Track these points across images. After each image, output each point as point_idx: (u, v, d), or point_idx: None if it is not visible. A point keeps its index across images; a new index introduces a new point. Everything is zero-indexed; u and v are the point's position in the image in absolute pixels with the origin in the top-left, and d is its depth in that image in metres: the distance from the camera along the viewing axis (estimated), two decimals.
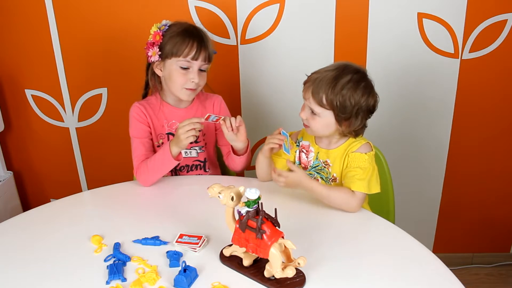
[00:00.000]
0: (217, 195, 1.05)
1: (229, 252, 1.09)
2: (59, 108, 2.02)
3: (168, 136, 1.55)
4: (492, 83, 1.89)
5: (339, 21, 1.82)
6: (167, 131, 1.55)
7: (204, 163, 1.61)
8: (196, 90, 1.50)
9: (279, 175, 1.31)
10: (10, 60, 1.95)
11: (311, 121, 1.33)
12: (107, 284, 1.03)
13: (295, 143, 1.46)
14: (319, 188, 1.29)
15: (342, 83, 1.27)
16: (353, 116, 1.29)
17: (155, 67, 1.50)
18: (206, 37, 1.48)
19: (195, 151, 1.58)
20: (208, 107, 1.59)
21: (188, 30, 1.46)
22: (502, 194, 2.09)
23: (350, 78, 1.28)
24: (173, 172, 1.57)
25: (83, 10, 1.84)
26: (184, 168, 1.58)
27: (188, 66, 1.45)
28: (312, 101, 1.30)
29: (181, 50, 1.43)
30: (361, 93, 1.28)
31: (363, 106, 1.29)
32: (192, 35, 1.45)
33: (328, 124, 1.32)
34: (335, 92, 1.27)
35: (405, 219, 1.80)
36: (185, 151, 1.55)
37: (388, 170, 1.53)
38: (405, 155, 2.02)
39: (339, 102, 1.27)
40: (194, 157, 1.58)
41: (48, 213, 1.33)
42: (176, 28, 1.46)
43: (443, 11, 1.79)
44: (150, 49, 1.46)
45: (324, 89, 1.27)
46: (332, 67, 1.31)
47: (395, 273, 1.05)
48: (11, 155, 2.14)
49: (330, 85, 1.27)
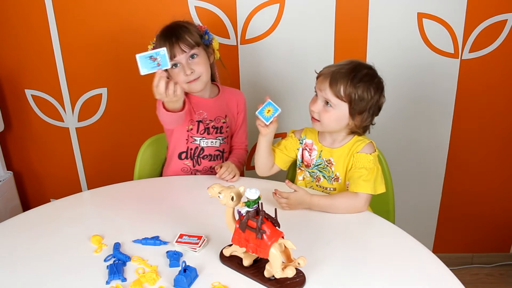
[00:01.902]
0: (217, 195, 1.05)
1: (229, 252, 1.09)
2: (59, 108, 2.02)
3: (198, 124, 1.57)
4: (492, 83, 1.89)
5: (339, 21, 1.82)
6: (197, 118, 1.57)
7: (223, 153, 1.64)
8: (201, 78, 1.51)
9: (280, 196, 1.29)
10: (10, 60, 1.95)
11: (323, 114, 1.32)
12: (107, 284, 1.03)
13: (298, 140, 1.46)
14: (322, 201, 1.29)
15: (360, 76, 1.28)
16: (367, 111, 1.31)
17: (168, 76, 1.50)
18: (180, 28, 1.48)
19: (219, 141, 1.61)
20: (234, 103, 1.65)
21: (163, 31, 1.49)
22: (502, 194, 2.09)
23: (366, 72, 1.30)
24: (195, 159, 1.59)
25: (83, 10, 1.84)
26: (207, 157, 1.61)
27: (175, 63, 1.47)
28: (329, 91, 1.29)
29: None
30: (376, 88, 1.30)
31: (376, 102, 1.31)
32: (165, 35, 1.47)
33: (341, 118, 1.32)
34: (353, 84, 1.27)
35: (405, 219, 1.80)
36: (211, 140, 1.59)
37: (388, 170, 1.53)
38: (405, 155, 2.02)
39: (357, 94, 1.28)
40: (217, 146, 1.61)
41: (48, 213, 1.33)
42: (157, 35, 1.50)
43: (443, 11, 1.79)
44: None
45: (343, 81, 1.28)
46: (346, 62, 1.33)
47: (395, 273, 1.05)
48: (11, 155, 2.14)
49: (348, 77, 1.28)
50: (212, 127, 1.59)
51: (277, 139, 2.01)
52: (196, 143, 1.58)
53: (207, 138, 1.59)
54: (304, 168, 1.46)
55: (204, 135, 1.58)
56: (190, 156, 1.59)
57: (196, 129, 1.57)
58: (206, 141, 1.59)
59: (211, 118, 1.59)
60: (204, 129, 1.58)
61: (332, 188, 1.42)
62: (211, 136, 1.60)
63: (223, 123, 1.61)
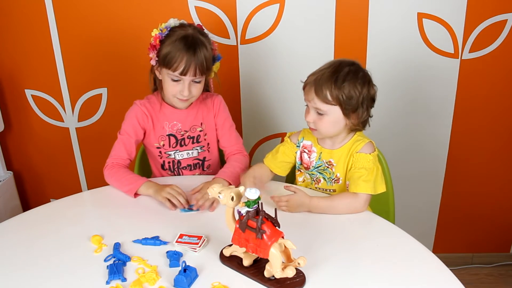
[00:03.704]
0: (217, 195, 1.05)
1: (229, 252, 1.09)
2: (59, 108, 2.02)
3: (170, 138, 1.55)
4: (492, 83, 1.89)
5: (339, 21, 1.82)
6: (168, 132, 1.54)
7: (203, 162, 1.61)
8: (189, 100, 1.49)
9: (279, 200, 1.29)
10: (10, 60, 1.95)
11: (319, 123, 1.33)
12: (107, 284, 1.03)
13: (295, 144, 1.46)
14: (321, 202, 1.29)
15: (342, 77, 1.28)
16: (360, 107, 1.31)
17: (155, 69, 1.48)
18: (201, 49, 1.41)
19: (196, 150, 1.58)
20: (208, 107, 1.58)
21: (183, 40, 1.40)
22: (502, 194, 2.09)
23: (348, 70, 1.29)
24: (176, 171, 1.58)
25: (83, 10, 1.84)
26: (186, 168, 1.59)
27: (178, 79, 1.42)
28: (317, 101, 1.30)
29: (171, 64, 1.39)
30: (362, 82, 1.30)
31: (366, 95, 1.30)
32: (184, 48, 1.39)
33: (337, 121, 1.32)
34: (338, 86, 1.27)
35: (405, 219, 1.80)
36: (186, 152, 1.56)
37: (388, 170, 1.53)
38: (405, 155, 2.02)
39: (344, 95, 1.28)
40: (195, 156, 1.58)
41: (48, 213, 1.33)
42: (174, 36, 1.41)
43: (443, 11, 1.79)
44: (150, 51, 1.45)
45: (327, 86, 1.28)
46: (327, 66, 1.32)
47: (395, 273, 1.05)
48: (11, 155, 2.14)
49: (331, 81, 1.28)
50: (188, 137, 1.55)
51: (277, 139, 2.02)
52: (171, 157, 1.56)
53: (181, 151, 1.56)
54: (304, 170, 1.46)
55: (177, 148, 1.55)
56: (170, 169, 1.58)
57: (168, 144, 1.55)
58: (181, 153, 1.56)
59: (186, 128, 1.55)
60: (176, 142, 1.55)
61: (332, 189, 1.42)
62: (187, 148, 1.56)
63: (199, 131, 1.56)
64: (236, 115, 1.61)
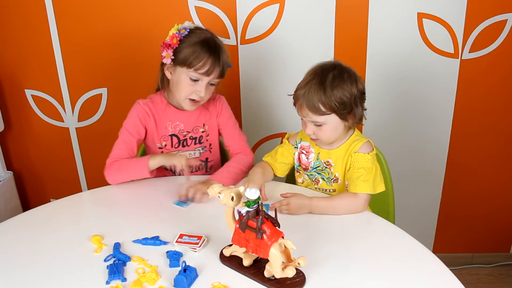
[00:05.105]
0: (217, 195, 1.05)
1: (229, 252, 1.09)
2: (59, 108, 2.02)
3: (172, 138, 1.55)
4: (492, 83, 1.89)
5: (339, 21, 1.82)
6: (171, 132, 1.54)
7: (206, 163, 1.61)
8: (199, 102, 1.49)
9: (280, 205, 1.28)
10: (10, 60, 1.95)
11: (319, 133, 1.33)
12: (107, 284, 1.03)
13: (293, 145, 1.46)
14: (321, 203, 1.29)
15: (329, 84, 1.28)
16: (354, 106, 1.31)
17: (166, 69, 1.47)
18: (223, 53, 1.44)
19: (198, 151, 1.58)
20: (211, 108, 1.58)
21: (206, 43, 1.42)
22: (502, 194, 2.09)
23: (332, 76, 1.29)
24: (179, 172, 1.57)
25: (83, 10, 1.84)
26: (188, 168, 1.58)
27: (198, 79, 1.43)
28: (312, 115, 1.30)
29: (195, 63, 1.40)
30: (350, 83, 1.30)
31: (356, 93, 1.31)
32: (209, 50, 1.41)
33: (336, 126, 1.33)
34: (328, 96, 1.27)
35: (405, 219, 1.80)
36: (188, 152, 1.56)
37: (388, 170, 1.53)
38: (405, 155, 2.02)
39: (336, 102, 1.28)
40: (197, 157, 1.58)
41: (48, 213, 1.33)
42: (195, 37, 1.42)
43: (443, 11, 1.79)
44: (165, 50, 1.43)
45: (317, 99, 1.28)
46: (311, 76, 1.32)
47: (395, 273, 1.05)
48: (11, 155, 2.14)
49: (319, 92, 1.28)
50: (190, 138, 1.56)
51: (277, 139, 2.02)
52: None
53: (183, 151, 1.56)
54: (302, 171, 1.46)
55: (179, 148, 1.56)
56: (171, 170, 1.57)
57: (170, 144, 1.55)
58: (183, 154, 1.55)
59: (189, 129, 1.55)
60: (178, 142, 1.55)
61: (332, 189, 1.42)
62: (189, 148, 1.56)
63: (202, 132, 1.57)
64: (236, 115, 1.62)
